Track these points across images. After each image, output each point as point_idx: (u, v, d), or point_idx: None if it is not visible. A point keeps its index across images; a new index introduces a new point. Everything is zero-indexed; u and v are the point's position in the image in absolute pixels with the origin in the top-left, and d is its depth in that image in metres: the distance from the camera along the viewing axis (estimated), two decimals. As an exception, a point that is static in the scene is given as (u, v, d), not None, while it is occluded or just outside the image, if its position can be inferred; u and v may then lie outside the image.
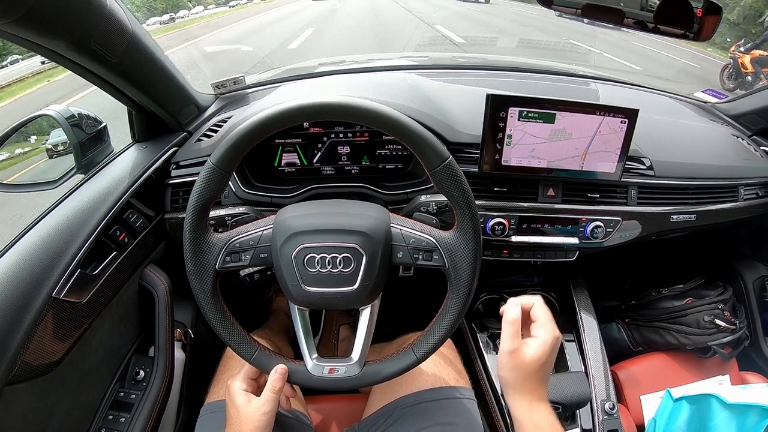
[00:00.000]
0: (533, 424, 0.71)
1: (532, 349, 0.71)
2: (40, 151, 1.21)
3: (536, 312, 0.75)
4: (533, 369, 0.71)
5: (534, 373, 0.72)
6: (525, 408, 0.72)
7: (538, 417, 0.71)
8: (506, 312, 0.76)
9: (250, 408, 0.77)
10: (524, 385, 0.72)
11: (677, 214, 1.17)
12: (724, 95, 1.54)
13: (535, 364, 0.71)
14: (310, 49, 8.53)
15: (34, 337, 0.76)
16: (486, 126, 0.99)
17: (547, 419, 0.71)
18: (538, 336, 0.73)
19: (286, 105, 0.71)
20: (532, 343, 0.72)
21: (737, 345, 1.32)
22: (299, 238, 0.75)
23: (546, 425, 0.70)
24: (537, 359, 0.71)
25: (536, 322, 0.75)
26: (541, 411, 0.71)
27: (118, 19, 0.80)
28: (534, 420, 0.71)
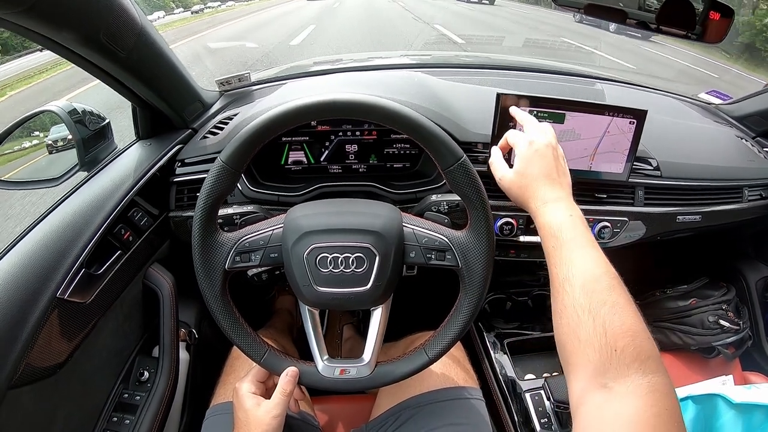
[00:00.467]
0: (541, 226, 0.72)
1: (516, 165, 0.78)
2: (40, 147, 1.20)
3: (511, 139, 0.83)
4: (525, 180, 0.76)
5: (528, 183, 0.76)
6: (534, 214, 0.74)
7: (544, 219, 0.71)
8: (491, 153, 0.86)
9: (259, 411, 0.76)
10: (525, 195, 0.76)
11: (683, 214, 1.17)
12: (728, 96, 1.55)
13: (522, 173, 0.77)
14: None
15: (38, 340, 0.74)
16: (495, 125, 0.98)
17: (553, 217, 0.70)
18: (516, 152, 0.80)
19: (298, 102, 0.70)
20: (515, 160, 0.79)
21: (740, 345, 1.32)
22: (311, 237, 0.74)
23: (554, 224, 0.69)
24: (521, 169, 0.77)
25: (515, 147, 0.81)
26: (546, 214, 0.72)
27: (128, 12, 0.79)
28: (541, 222, 0.72)
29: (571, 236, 0.67)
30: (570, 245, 0.66)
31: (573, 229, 0.68)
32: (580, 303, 0.59)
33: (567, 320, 0.60)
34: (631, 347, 0.54)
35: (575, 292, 0.61)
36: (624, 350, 0.54)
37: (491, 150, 0.87)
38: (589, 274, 0.62)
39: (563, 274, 0.64)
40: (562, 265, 0.65)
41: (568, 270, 0.63)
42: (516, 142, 0.81)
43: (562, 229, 0.68)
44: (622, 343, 0.54)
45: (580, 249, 0.65)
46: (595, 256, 0.64)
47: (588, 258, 0.64)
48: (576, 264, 0.64)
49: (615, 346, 0.54)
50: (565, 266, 0.64)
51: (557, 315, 0.63)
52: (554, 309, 0.64)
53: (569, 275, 0.63)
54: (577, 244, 0.66)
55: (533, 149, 0.78)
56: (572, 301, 0.60)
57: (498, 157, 0.85)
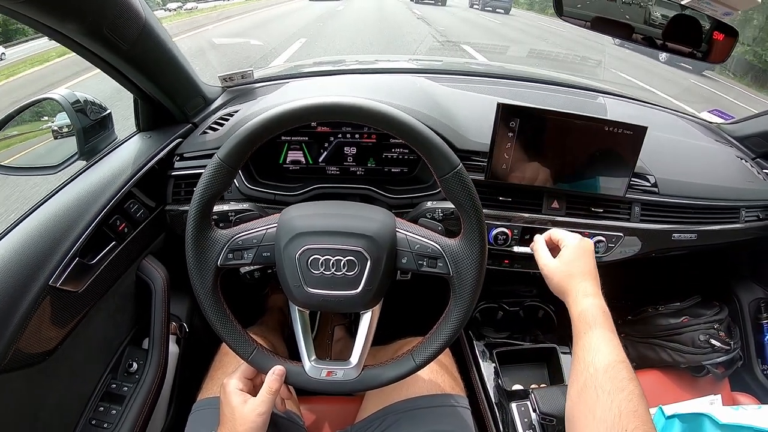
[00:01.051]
0: (577, 314, 0.78)
1: (563, 257, 0.86)
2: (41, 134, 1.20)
3: (556, 236, 0.91)
4: (569, 271, 0.84)
5: (573, 274, 0.83)
6: (572, 302, 0.80)
7: (581, 308, 0.78)
8: (535, 241, 0.94)
9: (245, 408, 0.76)
10: (568, 285, 0.82)
11: (679, 232, 1.17)
12: (729, 116, 1.55)
13: (569, 264, 0.84)
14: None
15: (28, 326, 0.75)
16: (495, 135, 0.98)
17: (591, 311, 0.76)
18: (564, 246, 0.88)
19: (298, 103, 0.70)
20: (562, 252, 0.87)
21: (730, 365, 1.32)
22: (304, 238, 0.75)
23: (590, 318, 0.75)
24: (569, 261, 0.85)
25: (561, 242, 0.89)
26: (584, 304, 0.78)
27: (132, 5, 0.79)
28: (576, 312, 0.78)
29: (601, 331, 0.74)
30: (600, 337, 0.73)
31: (603, 326, 0.74)
32: (601, 384, 0.66)
33: (585, 398, 0.66)
34: (639, 430, 0.59)
35: (598, 375, 0.67)
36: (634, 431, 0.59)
37: (536, 237, 0.95)
38: (612, 364, 0.68)
39: (590, 359, 0.70)
40: (590, 351, 0.71)
41: (595, 356, 0.70)
42: (564, 238, 0.90)
43: (596, 323, 0.75)
44: (633, 425, 0.60)
45: (607, 341, 0.72)
46: (618, 349, 0.71)
47: (612, 350, 0.71)
48: (602, 353, 0.70)
49: (626, 426, 0.60)
50: (592, 352, 0.71)
51: (576, 392, 0.69)
52: (573, 386, 0.70)
53: (596, 361, 0.69)
54: (606, 338, 0.73)
55: (581, 247, 0.87)
56: (594, 383, 0.67)
57: (543, 245, 0.92)
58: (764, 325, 1.45)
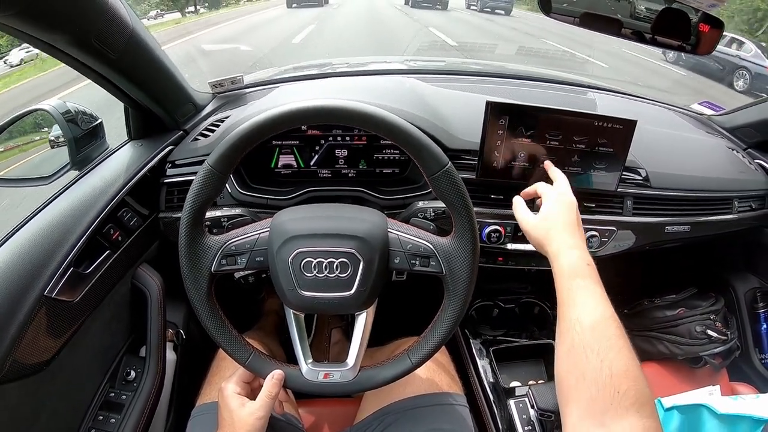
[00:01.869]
0: (558, 268, 0.75)
1: (542, 211, 0.85)
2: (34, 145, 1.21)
3: (540, 190, 0.90)
4: (547, 225, 0.82)
5: (551, 227, 0.81)
6: (553, 256, 0.78)
7: (563, 262, 0.75)
8: (514, 200, 0.93)
9: (244, 412, 0.76)
10: (547, 238, 0.81)
11: (672, 225, 1.18)
12: (720, 108, 1.55)
13: (547, 218, 0.83)
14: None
15: (24, 336, 0.75)
16: (485, 133, 0.99)
17: (571, 262, 0.74)
18: (544, 201, 0.87)
19: (284, 108, 0.71)
20: (542, 207, 0.86)
21: (728, 356, 1.32)
22: (296, 242, 0.75)
23: (571, 269, 0.73)
24: (547, 214, 0.84)
25: (542, 196, 0.88)
26: (566, 256, 0.76)
27: (119, 15, 0.79)
28: (557, 266, 0.76)
29: (585, 283, 0.71)
30: (584, 291, 0.70)
31: (588, 277, 0.72)
32: (589, 344, 0.63)
33: (574, 358, 0.64)
34: (632, 391, 0.57)
35: (585, 334, 0.65)
36: (626, 393, 0.57)
37: (514, 198, 0.94)
38: (600, 319, 0.66)
39: (575, 316, 0.67)
40: (575, 306, 0.69)
41: (581, 312, 0.67)
42: (545, 192, 0.88)
43: (579, 275, 0.72)
44: (625, 386, 0.58)
45: (592, 296, 0.69)
46: (605, 304, 0.69)
47: (599, 304, 0.68)
48: (588, 308, 0.68)
49: (618, 388, 0.58)
50: (578, 308, 0.68)
51: (563, 352, 0.66)
52: (560, 346, 0.67)
53: (581, 317, 0.67)
54: (590, 291, 0.70)
55: (561, 200, 0.85)
56: (581, 341, 0.64)
57: (521, 201, 0.92)
58: (761, 315, 1.45)
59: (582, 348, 0.63)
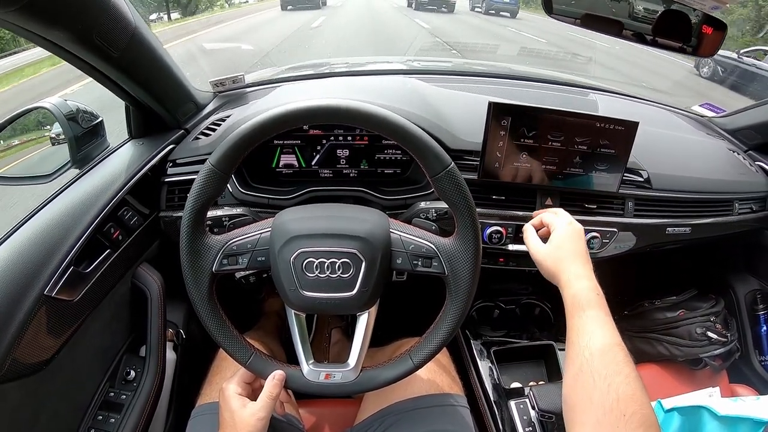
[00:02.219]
0: (570, 296, 0.77)
1: (553, 241, 0.86)
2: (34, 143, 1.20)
3: (546, 220, 0.92)
4: (558, 255, 0.84)
5: (563, 257, 0.83)
6: (564, 285, 0.79)
7: (574, 291, 0.77)
8: (525, 229, 0.94)
9: (245, 413, 0.76)
10: (558, 267, 0.82)
11: (673, 226, 1.18)
12: (721, 110, 1.55)
13: (559, 248, 0.85)
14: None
15: (24, 336, 0.75)
16: (487, 133, 0.99)
17: (582, 293, 0.76)
18: (554, 230, 0.88)
19: (288, 107, 0.70)
20: (552, 237, 0.87)
21: (728, 357, 1.32)
22: (298, 242, 0.75)
23: (582, 299, 0.75)
24: (559, 244, 0.85)
25: (551, 226, 0.90)
26: (576, 286, 0.77)
27: (122, 13, 0.79)
28: (568, 295, 0.77)
29: (595, 313, 0.73)
30: (594, 319, 0.72)
31: (597, 307, 0.74)
32: (597, 369, 0.65)
33: (582, 383, 0.66)
34: (638, 415, 0.59)
35: (594, 360, 0.66)
36: (632, 416, 0.59)
37: (526, 225, 0.96)
38: (608, 347, 0.68)
39: (584, 343, 0.69)
40: (584, 334, 0.71)
41: (590, 340, 0.69)
42: (553, 222, 0.90)
43: (589, 306, 0.74)
44: (631, 410, 0.59)
45: (602, 325, 0.71)
46: (613, 332, 0.71)
47: (607, 333, 0.70)
48: (597, 336, 0.70)
49: (625, 411, 0.59)
50: (587, 336, 0.70)
51: (572, 378, 0.68)
52: (569, 371, 0.69)
53: (590, 344, 0.69)
54: (600, 320, 0.72)
55: (571, 229, 0.87)
56: (590, 368, 0.66)
57: (532, 230, 0.93)
58: (761, 317, 1.45)
59: (590, 373, 0.65)
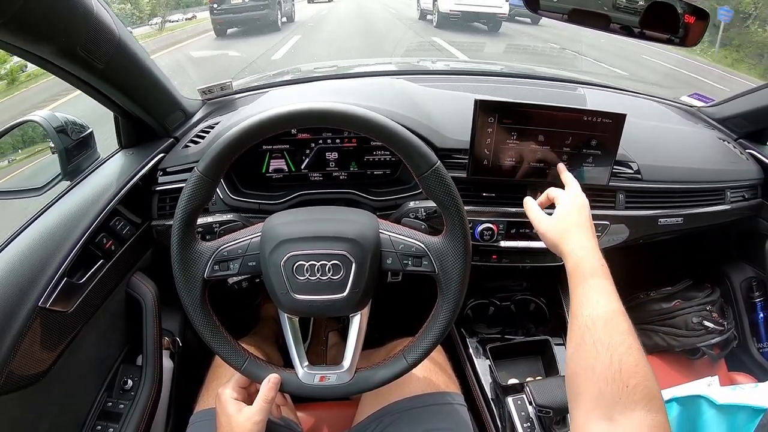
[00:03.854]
0: (573, 266, 0.77)
1: (557, 213, 0.87)
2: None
3: (552, 194, 0.92)
4: (562, 226, 0.84)
5: (566, 227, 0.83)
6: (568, 256, 0.80)
7: (578, 261, 0.77)
8: (525, 201, 0.95)
9: (241, 417, 0.76)
10: (562, 238, 0.82)
11: (665, 217, 1.18)
12: (710, 99, 1.56)
13: (563, 219, 0.85)
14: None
15: (20, 348, 0.75)
16: (474, 131, 0.99)
17: (586, 263, 0.76)
18: (558, 203, 0.89)
19: (271, 112, 0.71)
20: (556, 209, 0.88)
21: (726, 346, 1.33)
22: (287, 245, 0.75)
23: (586, 269, 0.75)
24: (563, 216, 0.86)
25: (556, 199, 0.90)
26: (579, 255, 0.78)
27: (105, 24, 0.79)
28: (571, 264, 0.78)
29: (599, 283, 0.73)
30: (598, 290, 0.72)
31: (602, 277, 0.74)
32: (601, 339, 0.65)
33: (585, 353, 0.65)
34: (641, 386, 0.59)
35: (597, 330, 0.66)
36: (635, 388, 0.59)
37: (525, 199, 0.96)
38: (611, 316, 0.68)
39: (588, 313, 0.69)
40: (588, 305, 0.71)
41: (593, 310, 0.69)
42: (558, 195, 0.90)
43: (593, 275, 0.74)
44: (634, 381, 0.59)
45: (606, 294, 0.71)
46: (617, 301, 0.71)
47: (611, 302, 0.70)
48: (600, 306, 0.70)
49: (627, 383, 0.59)
50: (591, 306, 0.70)
51: (575, 348, 0.68)
52: (572, 342, 0.70)
53: (594, 315, 0.69)
54: (603, 290, 0.72)
55: (576, 203, 0.87)
56: (592, 337, 0.66)
57: (533, 203, 0.94)
58: (757, 304, 1.45)
59: (593, 343, 0.65)
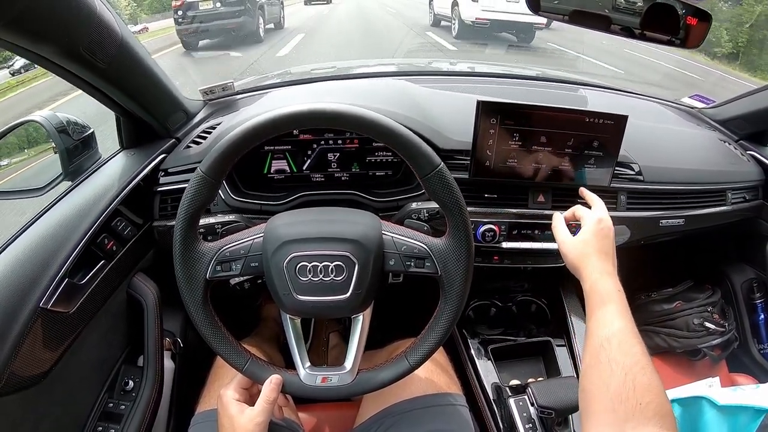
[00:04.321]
0: (592, 290, 0.78)
1: (581, 235, 0.87)
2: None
3: (578, 213, 0.92)
4: (584, 250, 0.84)
5: (588, 253, 0.83)
6: (587, 279, 0.80)
7: (597, 286, 0.78)
8: (554, 218, 0.95)
9: (243, 418, 0.76)
10: (583, 262, 0.83)
11: (666, 218, 1.18)
12: (711, 100, 1.56)
13: (586, 243, 0.85)
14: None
15: (21, 349, 0.75)
16: (476, 132, 0.99)
17: (605, 288, 0.77)
18: (584, 224, 0.88)
19: (275, 113, 0.71)
20: (581, 230, 0.87)
21: (726, 347, 1.33)
22: (290, 246, 0.75)
23: (604, 293, 0.76)
24: (586, 239, 0.85)
25: (582, 219, 0.90)
26: (599, 280, 0.78)
27: (108, 24, 0.79)
28: (589, 286, 0.79)
29: (615, 308, 0.74)
30: (614, 313, 0.73)
31: (618, 302, 0.75)
32: (616, 359, 0.66)
33: (599, 372, 0.67)
34: (654, 404, 0.60)
35: (612, 350, 0.67)
36: (648, 405, 0.59)
37: (555, 214, 0.95)
38: (626, 338, 0.69)
39: (605, 334, 0.71)
40: (604, 326, 0.72)
41: (609, 331, 0.71)
42: (584, 216, 0.90)
43: (611, 300, 0.75)
44: (647, 399, 0.60)
45: (621, 318, 0.73)
46: (632, 326, 0.72)
47: (626, 326, 0.71)
48: (616, 328, 0.71)
49: (641, 400, 0.60)
50: (607, 328, 0.71)
51: (589, 366, 0.69)
52: (587, 362, 0.71)
53: (609, 335, 0.70)
54: (619, 314, 0.73)
55: (600, 226, 0.87)
56: (608, 357, 0.67)
57: (562, 222, 0.93)
58: (758, 305, 1.46)
59: (608, 362, 0.66)
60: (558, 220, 0.94)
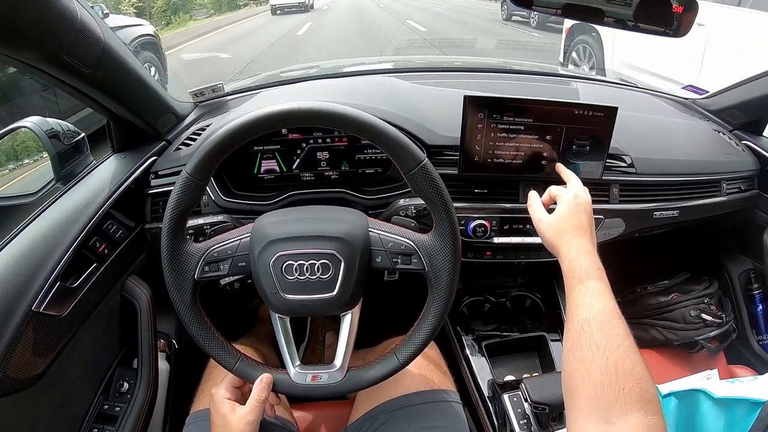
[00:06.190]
0: (569, 270, 0.77)
1: (557, 213, 0.85)
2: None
3: (554, 191, 0.91)
4: (561, 227, 0.83)
5: (565, 230, 0.82)
6: (565, 258, 0.79)
7: (575, 264, 0.77)
8: (529, 197, 0.94)
9: (234, 417, 0.77)
10: (560, 240, 0.82)
11: (660, 210, 1.17)
12: (704, 91, 1.55)
13: (562, 220, 0.84)
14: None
15: (14, 352, 0.75)
16: (464, 127, 0.99)
17: (582, 266, 0.76)
18: (560, 202, 0.87)
19: (256, 113, 0.71)
20: (557, 208, 0.86)
21: (724, 339, 1.32)
22: (276, 245, 0.75)
23: (582, 272, 0.75)
24: (563, 216, 0.84)
25: (558, 197, 0.89)
26: (576, 258, 0.77)
27: (90, 29, 0.80)
28: (567, 267, 0.78)
29: (595, 285, 0.73)
30: (593, 292, 0.72)
31: (598, 280, 0.73)
32: (597, 342, 0.64)
33: (581, 356, 0.65)
34: (637, 389, 0.59)
35: (593, 332, 0.66)
36: (631, 391, 0.58)
37: (530, 193, 0.94)
38: (607, 319, 0.67)
39: (584, 316, 0.69)
40: (583, 307, 0.70)
41: (589, 312, 0.69)
42: (560, 194, 0.89)
43: (589, 278, 0.74)
44: (630, 384, 0.59)
45: (601, 297, 0.71)
46: (613, 304, 0.71)
47: (607, 306, 0.70)
48: (596, 309, 0.69)
49: (623, 385, 0.59)
50: (586, 309, 0.70)
51: (570, 351, 0.68)
52: (567, 345, 0.69)
53: (589, 317, 0.68)
54: (599, 292, 0.72)
55: (576, 202, 0.86)
56: (588, 340, 0.65)
57: (537, 200, 0.92)
58: (756, 296, 1.45)
59: (589, 346, 0.64)
60: (534, 199, 0.93)
